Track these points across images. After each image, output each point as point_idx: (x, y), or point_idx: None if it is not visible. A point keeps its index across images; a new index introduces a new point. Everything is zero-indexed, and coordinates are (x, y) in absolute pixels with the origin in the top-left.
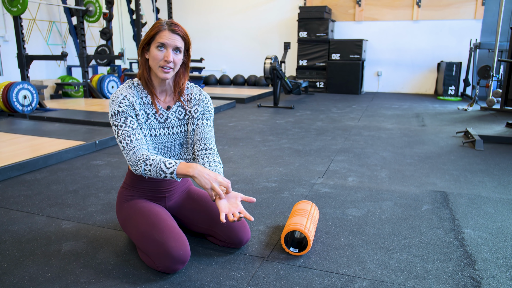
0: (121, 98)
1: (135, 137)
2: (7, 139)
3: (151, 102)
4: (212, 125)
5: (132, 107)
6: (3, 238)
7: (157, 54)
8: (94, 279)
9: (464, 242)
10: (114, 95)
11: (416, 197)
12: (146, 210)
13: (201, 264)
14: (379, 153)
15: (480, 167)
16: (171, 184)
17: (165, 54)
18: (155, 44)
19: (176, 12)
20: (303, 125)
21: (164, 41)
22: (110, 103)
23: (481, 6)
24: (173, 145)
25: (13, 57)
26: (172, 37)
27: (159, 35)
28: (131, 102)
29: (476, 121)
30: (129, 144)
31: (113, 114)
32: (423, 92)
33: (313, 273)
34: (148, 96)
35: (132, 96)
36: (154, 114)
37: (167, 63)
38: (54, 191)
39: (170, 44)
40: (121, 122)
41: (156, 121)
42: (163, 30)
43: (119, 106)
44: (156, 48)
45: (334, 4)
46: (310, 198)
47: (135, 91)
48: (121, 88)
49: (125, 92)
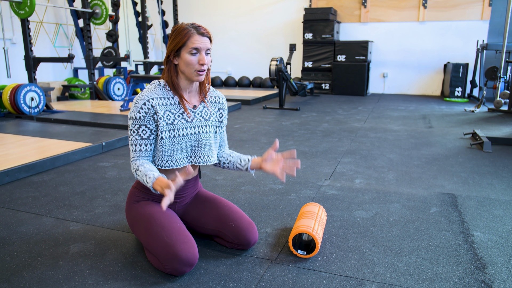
0: (142, 103)
1: (139, 148)
2: (15, 140)
3: (179, 102)
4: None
5: (153, 112)
6: (11, 239)
7: (192, 59)
8: (102, 281)
9: (473, 245)
10: (138, 96)
11: (424, 200)
12: (156, 212)
13: (209, 266)
14: (386, 155)
15: (489, 169)
16: (184, 191)
17: (199, 58)
18: (187, 49)
19: (182, 14)
20: (309, 127)
21: (197, 45)
22: (133, 104)
23: (488, 7)
24: (198, 144)
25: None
26: (203, 40)
27: (191, 40)
28: (153, 106)
29: (484, 122)
30: (134, 151)
31: (130, 117)
32: (430, 94)
33: (321, 276)
34: (175, 97)
35: (156, 98)
36: (181, 114)
37: (202, 66)
38: (61, 193)
39: (203, 48)
40: (135, 128)
41: (184, 121)
42: (193, 35)
43: (139, 112)
44: (189, 54)
45: (340, 5)
46: (317, 200)
47: (160, 92)
48: (147, 89)
49: (149, 94)
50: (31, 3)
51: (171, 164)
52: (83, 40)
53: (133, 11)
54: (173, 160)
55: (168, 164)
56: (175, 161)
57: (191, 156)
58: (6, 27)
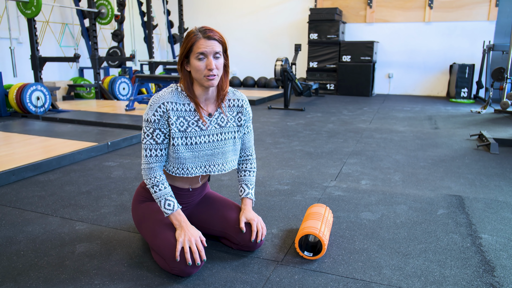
0: (157, 106)
1: (155, 153)
2: (20, 140)
3: (195, 109)
4: (252, 127)
5: (166, 116)
6: (18, 239)
7: (199, 64)
8: (108, 281)
9: (482, 247)
10: (154, 98)
11: (431, 201)
12: (162, 212)
13: (215, 267)
14: (392, 156)
15: (496, 170)
16: (192, 196)
17: (206, 63)
18: (194, 55)
19: (187, 14)
20: (314, 127)
21: (202, 50)
22: (148, 106)
23: (495, 7)
24: (213, 153)
25: (26, 59)
26: (210, 44)
27: (196, 45)
28: (167, 110)
29: (490, 124)
30: (147, 157)
31: (145, 120)
32: (435, 95)
33: (328, 278)
34: (191, 103)
35: (171, 103)
36: (196, 121)
37: (211, 71)
38: (67, 192)
39: (209, 52)
40: (149, 132)
41: (198, 129)
42: (198, 39)
43: (153, 115)
44: (196, 59)
45: (345, 5)
46: (323, 201)
47: (176, 97)
48: (163, 92)
49: (165, 97)
50: (37, 2)
51: (181, 172)
52: (88, 39)
53: (138, 11)
54: (184, 168)
55: (179, 172)
56: (186, 170)
57: (205, 166)
58: (13, 27)
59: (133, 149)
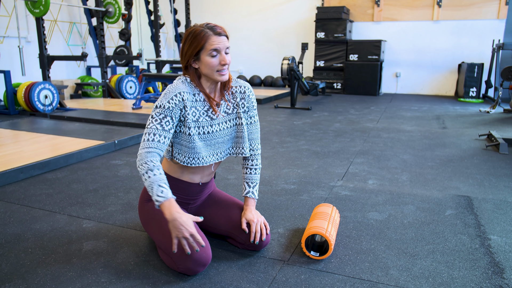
0: (173, 94)
1: (158, 138)
2: (29, 138)
3: (204, 99)
4: (257, 120)
5: (182, 105)
6: (26, 236)
7: (212, 61)
8: (115, 279)
9: (491, 249)
10: (169, 88)
11: (439, 202)
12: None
13: (221, 267)
14: (399, 156)
15: (505, 171)
16: (199, 193)
17: (220, 59)
18: (206, 52)
19: (194, 13)
20: (321, 127)
21: (216, 46)
22: (163, 94)
23: (505, 6)
24: (223, 140)
25: (35, 58)
26: (221, 40)
27: (209, 42)
28: (183, 99)
29: (499, 123)
30: (149, 141)
31: (158, 106)
32: (443, 94)
33: (334, 278)
34: (201, 94)
35: (186, 93)
36: (206, 111)
37: (224, 66)
38: (74, 190)
39: (222, 48)
40: (159, 117)
41: (209, 118)
42: (210, 36)
43: (168, 102)
44: (209, 56)
45: (353, 4)
46: (329, 200)
47: (188, 87)
48: (177, 82)
49: (181, 87)
50: (45, 2)
51: (197, 162)
52: (96, 38)
53: (145, 10)
54: (200, 157)
55: (194, 161)
56: (202, 159)
57: (217, 153)
58: (21, 26)
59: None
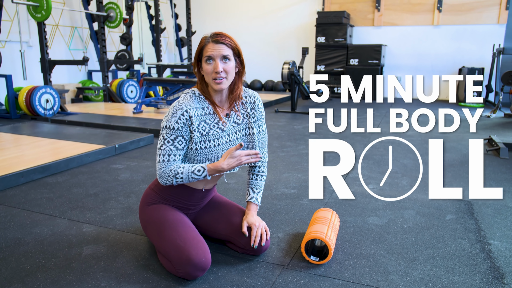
0: (180, 113)
1: (173, 158)
2: (30, 142)
3: (213, 111)
4: (265, 128)
5: (189, 123)
6: (26, 240)
7: (207, 67)
8: (114, 283)
9: (491, 254)
10: (175, 106)
11: (439, 206)
12: (170, 216)
13: (221, 271)
14: (400, 160)
15: (506, 176)
16: (202, 199)
17: (213, 66)
18: (204, 59)
19: (194, 17)
20: (321, 131)
21: (209, 53)
22: (169, 113)
23: (505, 11)
24: None
25: (36, 62)
26: (217, 47)
27: (205, 49)
28: (190, 117)
29: (500, 128)
30: (165, 162)
31: (166, 127)
32: (444, 98)
33: (334, 283)
34: (210, 106)
35: (193, 109)
36: (216, 124)
37: (217, 73)
38: (75, 194)
39: (216, 55)
40: (170, 138)
41: (220, 130)
42: (207, 43)
43: (177, 122)
44: (205, 63)
45: (353, 9)
46: (329, 205)
47: (196, 102)
48: (183, 99)
49: (186, 105)
50: (47, 6)
51: None
52: (97, 43)
53: (146, 14)
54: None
55: None
56: None
57: None
58: (23, 30)
59: (141, 151)
